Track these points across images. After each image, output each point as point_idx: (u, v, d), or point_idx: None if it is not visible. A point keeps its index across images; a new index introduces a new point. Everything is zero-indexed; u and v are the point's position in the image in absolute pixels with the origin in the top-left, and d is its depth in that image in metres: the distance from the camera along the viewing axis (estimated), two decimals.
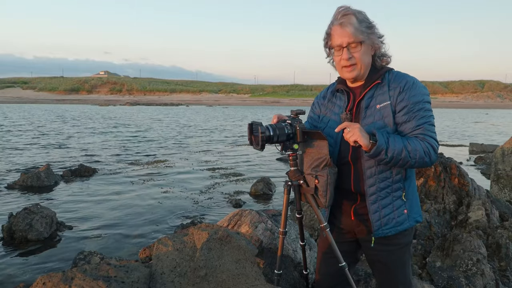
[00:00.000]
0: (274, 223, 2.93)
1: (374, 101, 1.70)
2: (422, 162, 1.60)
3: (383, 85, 1.70)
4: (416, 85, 1.66)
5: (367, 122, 1.68)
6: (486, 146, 14.32)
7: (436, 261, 3.10)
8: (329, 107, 1.88)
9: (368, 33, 1.65)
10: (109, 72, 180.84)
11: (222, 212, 6.36)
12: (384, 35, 1.72)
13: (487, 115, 49.66)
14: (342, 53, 1.67)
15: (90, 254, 4.05)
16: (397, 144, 1.57)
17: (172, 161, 11.50)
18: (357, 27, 1.62)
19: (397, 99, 1.65)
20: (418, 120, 1.62)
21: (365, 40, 1.65)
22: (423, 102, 1.64)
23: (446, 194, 4.00)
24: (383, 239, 1.75)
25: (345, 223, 1.85)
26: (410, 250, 1.85)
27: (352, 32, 1.63)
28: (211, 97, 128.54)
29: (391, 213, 1.71)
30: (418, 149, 1.58)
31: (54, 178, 8.38)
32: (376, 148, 1.55)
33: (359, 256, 2.02)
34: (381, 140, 1.55)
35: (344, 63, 1.69)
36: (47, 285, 1.84)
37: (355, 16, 1.63)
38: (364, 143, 1.55)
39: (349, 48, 1.65)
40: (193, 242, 2.25)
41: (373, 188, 1.70)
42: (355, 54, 1.66)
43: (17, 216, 5.13)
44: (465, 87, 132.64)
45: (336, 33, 1.67)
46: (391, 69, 1.75)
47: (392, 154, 1.56)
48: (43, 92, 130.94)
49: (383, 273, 1.84)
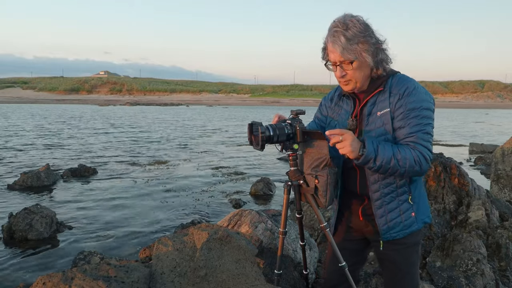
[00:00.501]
0: (274, 223, 2.93)
1: (376, 108, 1.69)
2: (412, 171, 1.58)
3: (384, 91, 1.69)
4: (416, 91, 1.63)
5: (370, 128, 1.69)
6: (486, 146, 14.33)
7: (436, 261, 3.10)
8: (336, 110, 1.88)
9: (358, 50, 1.60)
10: (109, 72, 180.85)
11: (222, 212, 6.36)
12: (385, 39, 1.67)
13: (487, 115, 49.67)
14: (336, 70, 1.67)
15: (90, 254, 4.05)
16: (387, 152, 1.56)
17: (172, 161, 11.50)
18: (346, 46, 1.58)
19: (395, 105, 1.64)
20: (411, 128, 1.59)
21: (356, 58, 1.61)
22: (421, 109, 1.60)
23: (446, 194, 3.99)
24: (391, 242, 1.76)
25: (354, 223, 1.86)
26: (419, 251, 1.85)
27: (340, 52, 1.60)
28: (211, 97, 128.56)
29: (397, 217, 1.71)
30: (408, 157, 1.56)
31: (54, 178, 8.38)
32: (364, 157, 1.55)
33: (366, 254, 2.03)
34: (370, 149, 1.55)
35: (340, 79, 1.70)
36: (47, 285, 1.84)
37: (343, 35, 1.58)
38: (352, 157, 1.56)
39: (342, 65, 1.64)
40: (193, 242, 2.25)
41: (377, 193, 1.70)
42: (348, 71, 1.65)
43: (17, 216, 5.13)
44: (465, 87, 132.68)
45: (329, 50, 1.66)
46: (396, 73, 1.73)
47: (380, 163, 1.56)
48: (43, 92, 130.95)
49: (391, 272, 1.85)
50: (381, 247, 1.78)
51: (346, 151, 1.55)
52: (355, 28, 1.59)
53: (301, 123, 1.78)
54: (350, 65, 1.62)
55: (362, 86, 1.71)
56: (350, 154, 1.55)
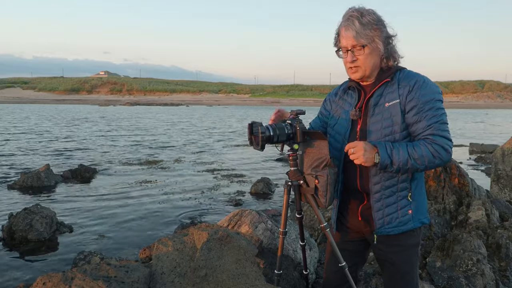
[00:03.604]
0: (274, 223, 2.93)
1: (383, 99, 1.70)
2: (433, 165, 1.62)
3: (392, 83, 1.70)
4: (427, 84, 1.65)
5: (375, 120, 1.69)
6: (486, 146, 14.31)
7: (436, 261, 3.09)
8: (340, 104, 1.88)
9: (371, 36, 1.64)
10: (109, 72, 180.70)
11: (222, 212, 6.36)
12: (396, 34, 1.71)
13: (487, 115, 49.66)
14: (347, 55, 1.69)
15: (90, 254, 4.06)
16: (402, 155, 1.58)
17: (172, 161, 11.50)
18: (359, 31, 1.63)
19: (406, 98, 1.65)
20: (428, 120, 1.61)
21: (368, 43, 1.65)
22: (434, 100, 1.63)
23: (446, 194, 3.99)
24: (386, 238, 1.75)
25: (353, 223, 1.86)
26: (418, 252, 1.85)
27: (353, 36, 1.64)
28: (211, 97, 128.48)
29: (394, 212, 1.71)
30: (425, 154, 1.58)
31: (54, 178, 8.38)
32: (380, 165, 1.59)
33: (367, 256, 2.02)
34: (383, 156, 1.58)
35: (349, 65, 1.71)
36: (47, 285, 1.84)
37: (358, 20, 1.63)
38: (368, 165, 1.61)
39: (353, 50, 1.67)
40: (193, 242, 2.25)
41: (378, 186, 1.70)
42: (358, 57, 1.67)
43: (17, 216, 5.13)
44: (465, 87, 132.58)
45: (342, 35, 1.69)
46: (403, 69, 1.75)
47: (398, 166, 1.59)
48: (43, 92, 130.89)
49: (391, 273, 1.85)
50: (375, 241, 1.77)
51: (360, 161, 1.59)
52: (370, 16, 1.65)
53: (301, 123, 1.78)
54: (362, 49, 1.65)
55: (370, 75, 1.73)
56: (364, 163, 1.60)
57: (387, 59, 1.72)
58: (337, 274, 1.90)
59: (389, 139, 1.65)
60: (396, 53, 1.73)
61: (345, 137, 1.79)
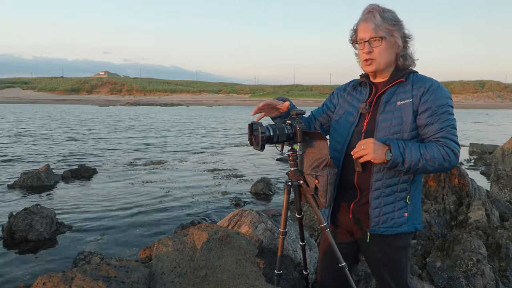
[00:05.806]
0: (274, 223, 2.93)
1: (395, 98, 1.71)
2: (441, 168, 1.62)
3: (406, 83, 1.71)
4: (441, 88, 1.67)
5: (385, 117, 1.69)
6: (486, 146, 14.31)
7: (436, 261, 3.10)
8: (348, 99, 1.89)
9: (390, 30, 1.66)
10: (109, 72, 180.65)
11: (222, 212, 6.36)
12: (412, 36, 1.73)
13: (487, 115, 49.66)
14: (364, 47, 1.71)
15: (90, 254, 4.06)
16: (414, 154, 1.58)
17: (172, 161, 11.50)
18: (379, 23, 1.65)
19: (420, 99, 1.66)
20: (441, 123, 1.62)
21: (386, 36, 1.67)
22: (447, 105, 1.65)
23: (446, 194, 4.00)
24: (379, 238, 1.75)
25: (343, 221, 1.86)
26: (408, 254, 1.85)
27: (373, 28, 1.66)
28: (211, 98, 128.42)
29: (391, 212, 1.71)
30: (436, 156, 1.59)
31: (54, 178, 8.38)
32: (391, 162, 1.58)
33: (359, 257, 2.02)
34: (396, 153, 1.57)
35: (364, 57, 1.72)
36: (47, 285, 1.84)
37: (379, 14, 1.67)
38: (378, 162, 1.61)
39: (370, 42, 1.68)
40: (193, 242, 2.25)
41: (379, 182, 1.70)
42: (375, 49, 1.69)
43: (17, 216, 5.13)
44: (465, 87, 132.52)
45: (360, 28, 1.71)
46: (416, 72, 1.77)
47: (409, 165, 1.58)
48: (43, 92, 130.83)
49: (380, 274, 1.85)
50: (368, 239, 1.77)
51: (370, 158, 1.59)
52: (390, 13, 1.69)
53: (301, 123, 1.78)
54: (380, 41, 1.67)
55: (384, 71, 1.74)
56: (374, 160, 1.59)
57: (403, 58, 1.74)
58: (335, 274, 1.89)
59: (397, 137, 1.66)
60: (413, 55, 1.77)
61: (349, 131, 1.79)
